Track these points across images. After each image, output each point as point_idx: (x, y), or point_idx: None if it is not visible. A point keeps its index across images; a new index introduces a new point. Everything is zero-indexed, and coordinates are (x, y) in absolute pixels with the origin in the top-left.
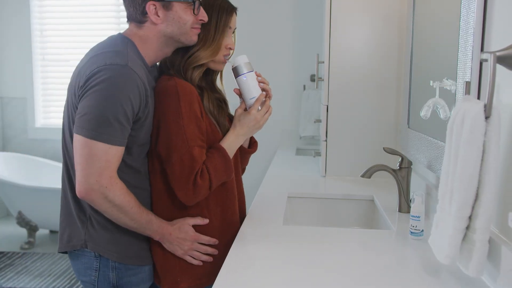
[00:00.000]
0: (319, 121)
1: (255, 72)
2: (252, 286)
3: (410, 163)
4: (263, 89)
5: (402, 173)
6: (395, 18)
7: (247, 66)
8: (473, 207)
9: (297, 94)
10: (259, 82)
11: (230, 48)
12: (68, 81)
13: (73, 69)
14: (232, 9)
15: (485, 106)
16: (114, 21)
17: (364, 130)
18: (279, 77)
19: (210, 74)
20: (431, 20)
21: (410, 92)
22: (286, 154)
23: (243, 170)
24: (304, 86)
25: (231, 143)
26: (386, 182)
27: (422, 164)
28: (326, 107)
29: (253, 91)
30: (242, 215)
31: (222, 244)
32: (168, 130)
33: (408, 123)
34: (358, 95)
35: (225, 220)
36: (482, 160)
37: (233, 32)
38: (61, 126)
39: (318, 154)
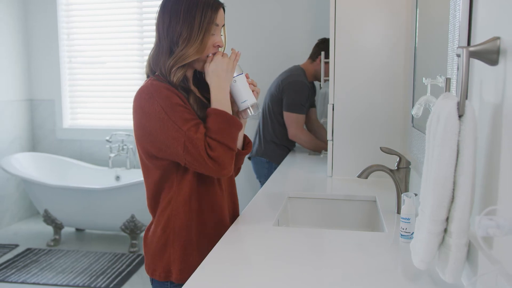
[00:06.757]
0: (326, 121)
1: (246, 74)
2: (225, 286)
3: (408, 163)
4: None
5: (400, 173)
6: (401, 16)
7: (236, 69)
8: (449, 210)
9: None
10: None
11: (219, 46)
12: (95, 82)
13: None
14: (218, 5)
15: (458, 104)
16: (137, 23)
17: (371, 129)
18: None
19: (202, 72)
20: (431, 17)
21: (414, 91)
22: (299, 153)
23: (238, 169)
24: (320, 84)
25: (217, 98)
26: (392, 183)
27: (422, 164)
28: (332, 106)
29: (244, 95)
30: (235, 218)
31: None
32: (159, 130)
33: (412, 122)
34: (365, 94)
35: (219, 223)
36: (457, 160)
37: (223, 29)
38: (87, 127)
39: (326, 153)
